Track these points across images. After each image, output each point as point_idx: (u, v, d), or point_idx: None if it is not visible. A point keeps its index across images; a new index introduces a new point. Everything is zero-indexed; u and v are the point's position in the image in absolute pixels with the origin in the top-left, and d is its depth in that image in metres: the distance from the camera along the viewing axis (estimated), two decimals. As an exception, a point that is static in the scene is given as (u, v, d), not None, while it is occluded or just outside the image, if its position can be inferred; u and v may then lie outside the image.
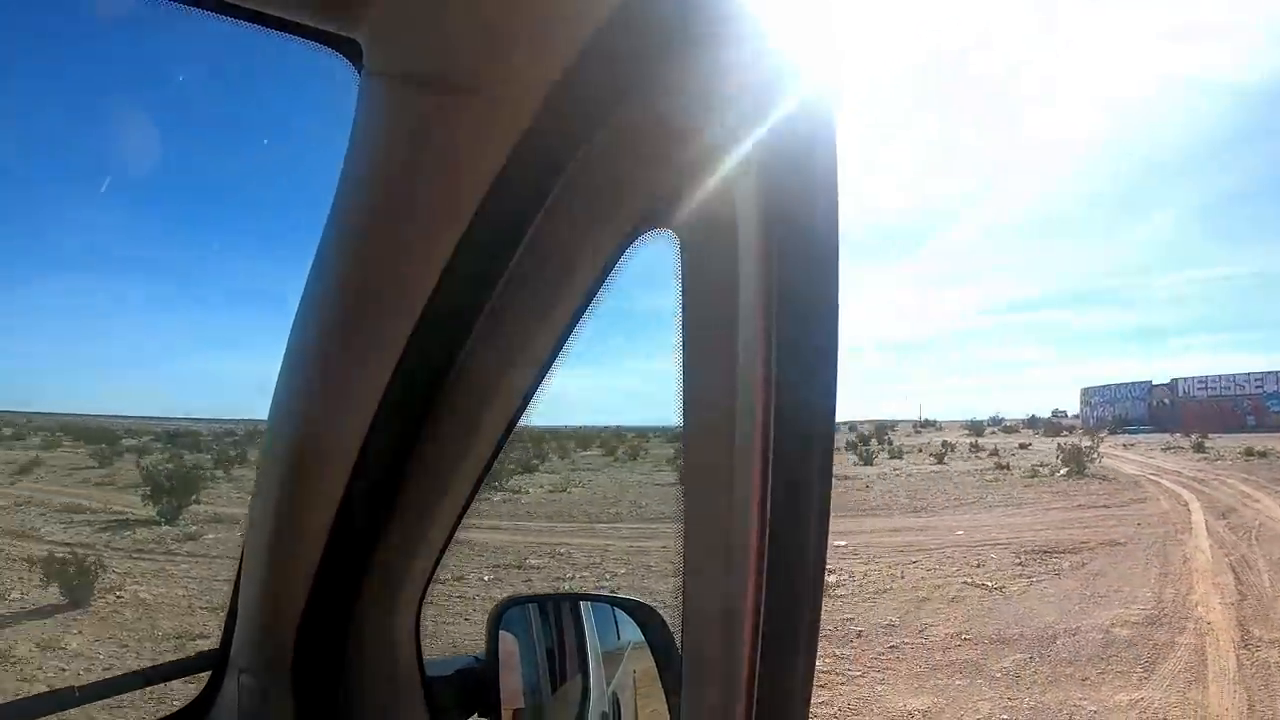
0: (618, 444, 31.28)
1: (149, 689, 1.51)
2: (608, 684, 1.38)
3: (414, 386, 0.86)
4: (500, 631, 1.28)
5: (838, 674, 7.20)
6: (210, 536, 11.80)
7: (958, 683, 6.98)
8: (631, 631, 1.33)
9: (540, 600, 1.44)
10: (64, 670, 6.72)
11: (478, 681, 1.24)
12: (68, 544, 10.58)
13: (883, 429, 48.36)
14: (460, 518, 1.03)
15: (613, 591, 7.93)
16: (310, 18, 0.68)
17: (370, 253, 0.79)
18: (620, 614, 1.39)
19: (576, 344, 0.82)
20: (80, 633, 7.64)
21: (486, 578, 10.06)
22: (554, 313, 0.80)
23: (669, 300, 0.68)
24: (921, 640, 8.12)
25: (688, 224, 0.67)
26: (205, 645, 4.48)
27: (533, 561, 11.21)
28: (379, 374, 0.82)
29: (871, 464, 26.87)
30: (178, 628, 7.83)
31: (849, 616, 8.85)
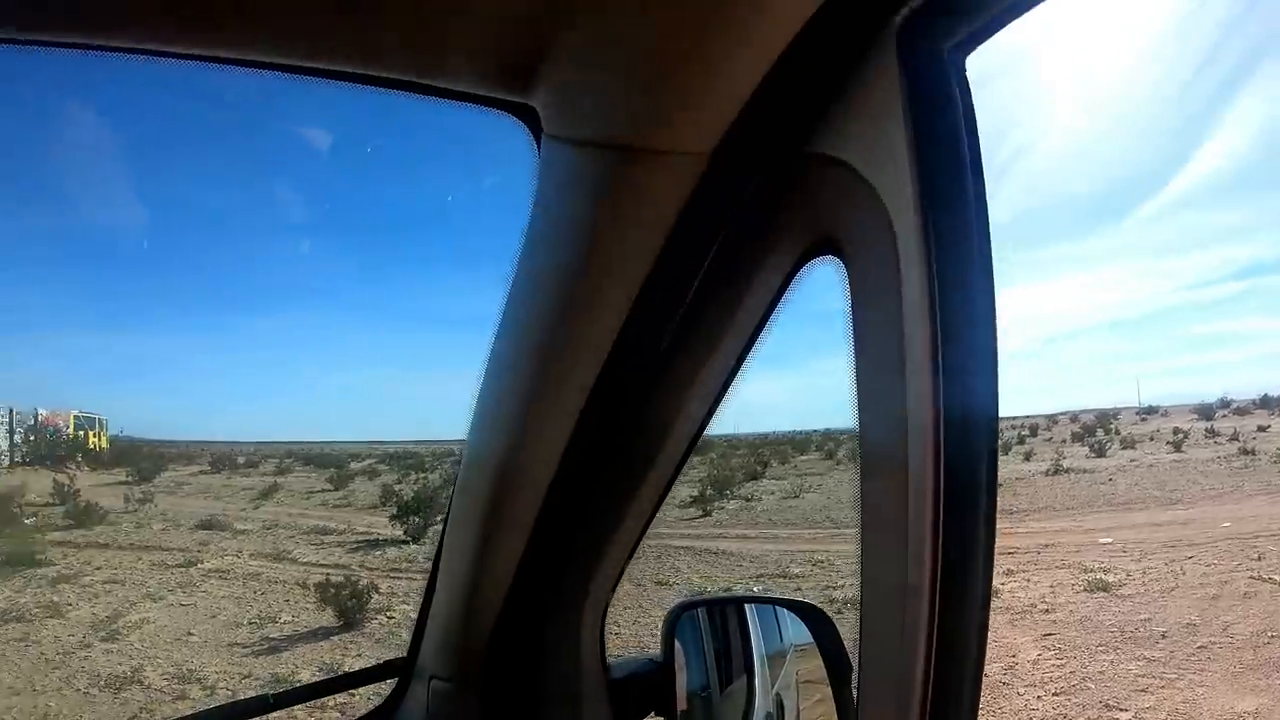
0: (835, 447, 35.79)
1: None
2: (771, 685, 1.70)
3: (604, 407, 1.15)
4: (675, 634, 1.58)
5: (1154, 677, 8.23)
6: None
7: (1278, 682, 7.94)
8: (794, 633, 1.66)
9: (714, 603, 1.94)
10: (352, 696, 7.64)
11: (655, 683, 1.55)
12: (322, 565, 12.43)
13: (1105, 417, 53.93)
14: (647, 525, 1.37)
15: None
16: (489, 89, 0.92)
17: (560, 296, 1.06)
18: (783, 616, 1.71)
19: (763, 349, 1.12)
20: (360, 654, 8.69)
21: (756, 590, 11.27)
22: (730, 338, 1.09)
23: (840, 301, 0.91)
24: (1228, 639, 9.16)
25: (852, 245, 0.89)
26: None
27: (795, 570, 12.94)
28: (571, 398, 1.13)
29: (1104, 455, 30.48)
30: None
31: (1145, 617, 10.09)
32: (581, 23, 0.80)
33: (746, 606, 1.78)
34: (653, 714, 1.54)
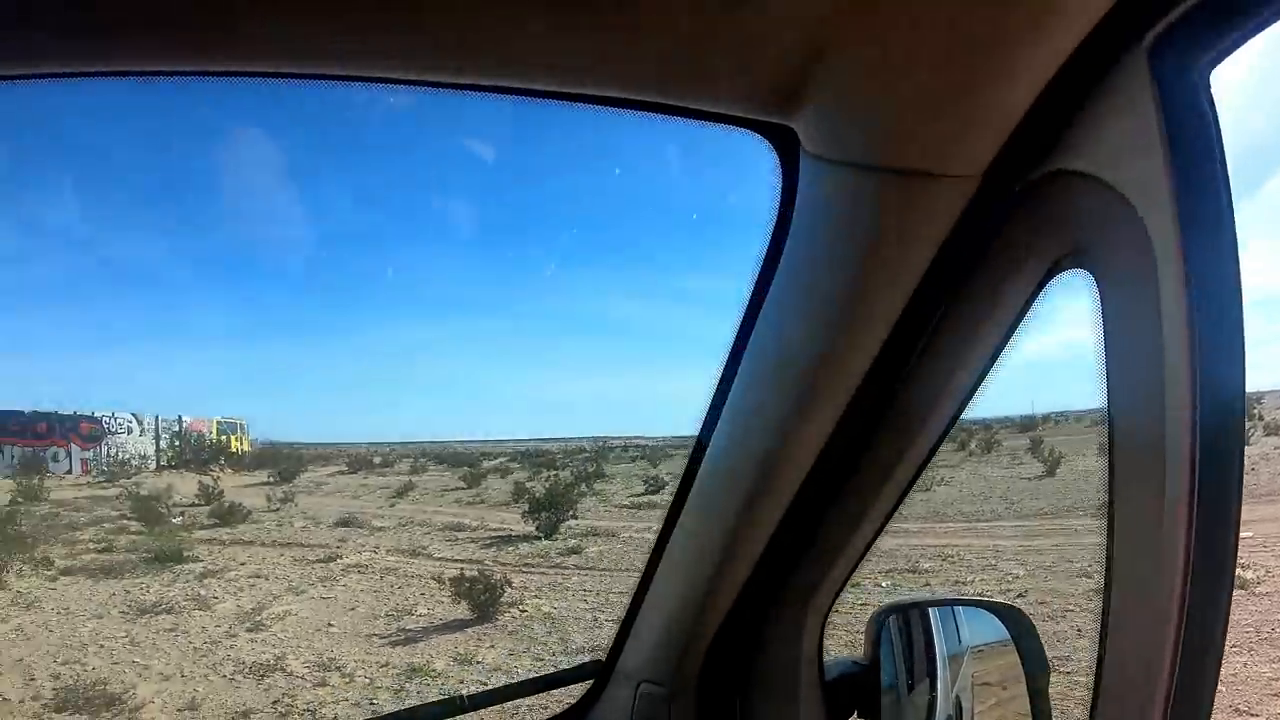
0: (968, 438, 36.81)
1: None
2: (951, 687, 1.77)
3: (855, 416, 1.23)
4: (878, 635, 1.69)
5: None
6: (592, 550, 14.40)
7: None
8: (971, 635, 1.78)
9: (918, 606, 1.91)
10: (484, 683, 8.19)
11: (861, 684, 1.67)
12: (456, 560, 13.22)
13: (1248, 402, 47.22)
14: (878, 532, 1.43)
15: (1021, 594, 10.89)
16: (748, 111, 0.97)
17: (820, 311, 1.15)
18: (962, 618, 1.82)
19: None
20: (493, 645, 9.36)
21: (884, 584, 11.64)
22: (978, 352, 1.18)
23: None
24: None
25: (1104, 258, 0.96)
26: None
27: (925, 565, 13.15)
28: (826, 407, 1.22)
29: (1246, 443, 25.28)
30: (589, 641, 9.28)
31: (1286, 617, 10.37)
32: (853, 49, 0.86)
33: (931, 610, 1.89)
34: (856, 715, 1.67)
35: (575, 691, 1.94)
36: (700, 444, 1.43)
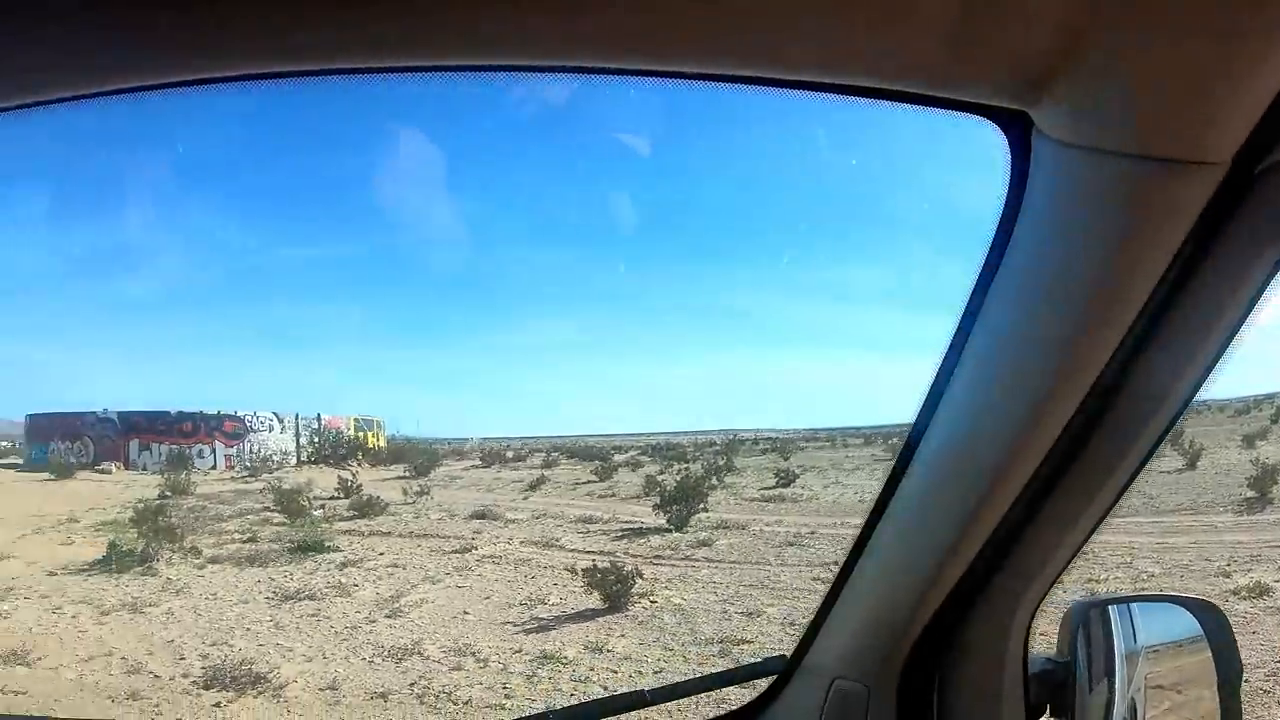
0: None
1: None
2: (1127, 687, 1.80)
3: (1086, 408, 1.23)
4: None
5: None
6: (722, 543, 14.54)
7: None
8: (1146, 635, 1.81)
9: (1113, 602, 1.89)
10: (615, 672, 8.32)
11: (1058, 681, 1.70)
12: (588, 552, 13.45)
13: None
14: (1096, 527, 1.44)
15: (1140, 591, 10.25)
16: (984, 97, 0.98)
17: (1059, 302, 1.14)
18: (1136, 616, 1.83)
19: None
20: (624, 634, 9.51)
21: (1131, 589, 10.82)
22: (1210, 343, 1.16)
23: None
24: None
25: None
26: (748, 649, 8.87)
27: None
28: (1061, 401, 1.22)
29: None
30: (718, 632, 9.34)
31: None
32: (1111, 34, 0.85)
33: (1111, 608, 1.88)
34: (1048, 713, 1.69)
35: (741, 692, 2.00)
36: (912, 440, 1.44)
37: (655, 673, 8.23)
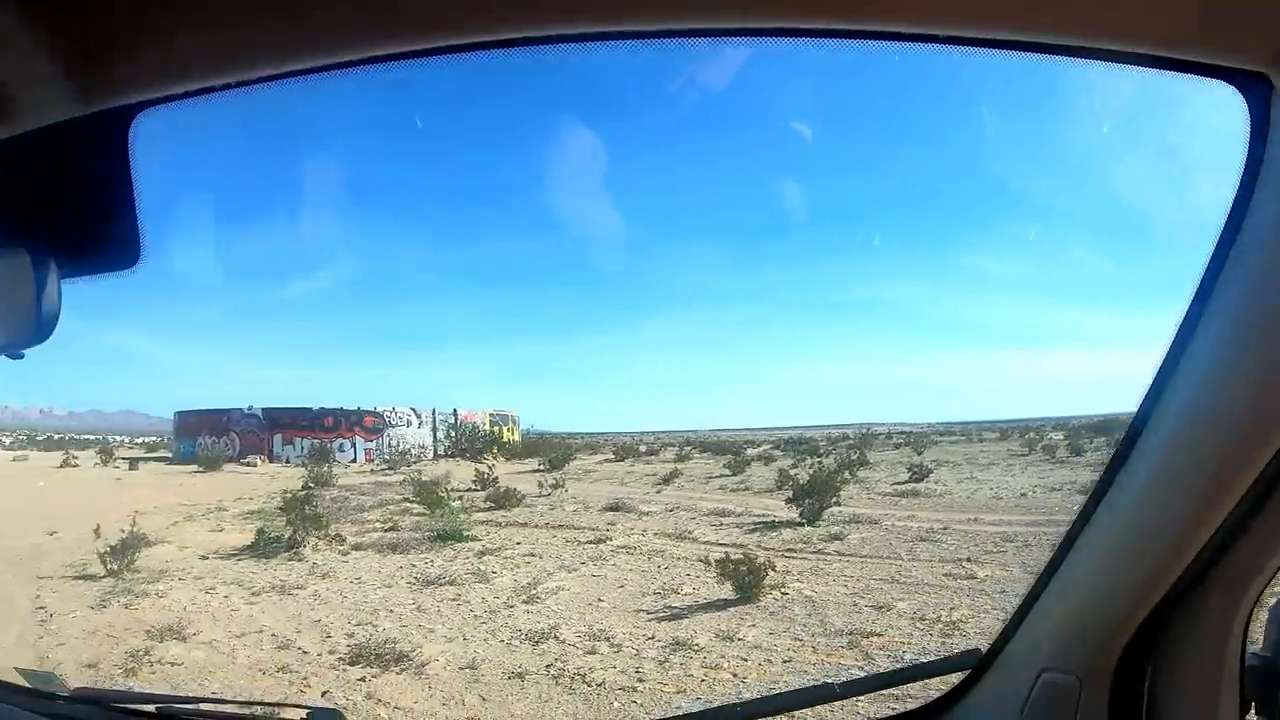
0: None
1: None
2: None
3: None
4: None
5: None
6: (854, 537, 14.62)
7: None
8: None
9: None
10: (744, 660, 8.41)
11: (1268, 678, 1.63)
12: (721, 544, 13.58)
13: None
14: None
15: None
16: (1227, 59, 0.95)
17: None
18: None
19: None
20: (755, 624, 9.57)
21: None
22: None
23: None
24: None
25: None
26: (876, 642, 8.77)
27: None
28: None
29: None
30: (847, 625, 9.41)
31: None
32: None
33: None
34: (1253, 711, 1.65)
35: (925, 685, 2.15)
36: (1133, 432, 1.44)
37: (784, 662, 8.30)
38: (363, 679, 8.32)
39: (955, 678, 2.00)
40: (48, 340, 1.24)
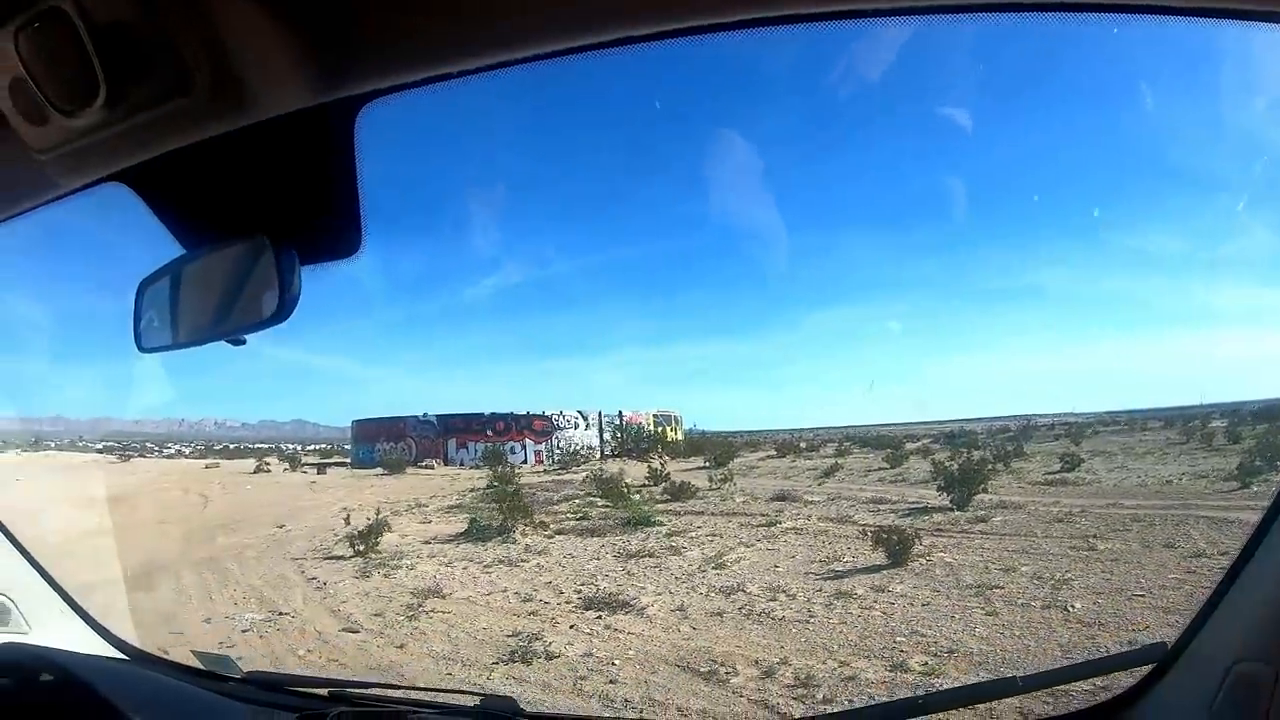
0: None
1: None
2: None
3: None
4: None
5: None
6: (997, 519, 16.70)
7: None
8: None
9: None
10: (892, 604, 11.08)
11: None
12: (877, 526, 15.97)
13: None
14: None
15: None
16: None
17: None
18: None
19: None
20: (902, 581, 12.21)
21: None
22: None
23: None
24: None
25: None
26: (999, 594, 11.72)
27: None
28: None
29: None
30: (976, 581, 11.91)
31: None
32: None
33: None
34: None
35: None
36: None
37: (923, 605, 10.89)
38: (599, 617, 11.53)
39: (1141, 671, 2.01)
40: (286, 320, 1.46)
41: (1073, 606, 10.20)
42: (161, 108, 1.22)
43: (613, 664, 9.67)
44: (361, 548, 17.29)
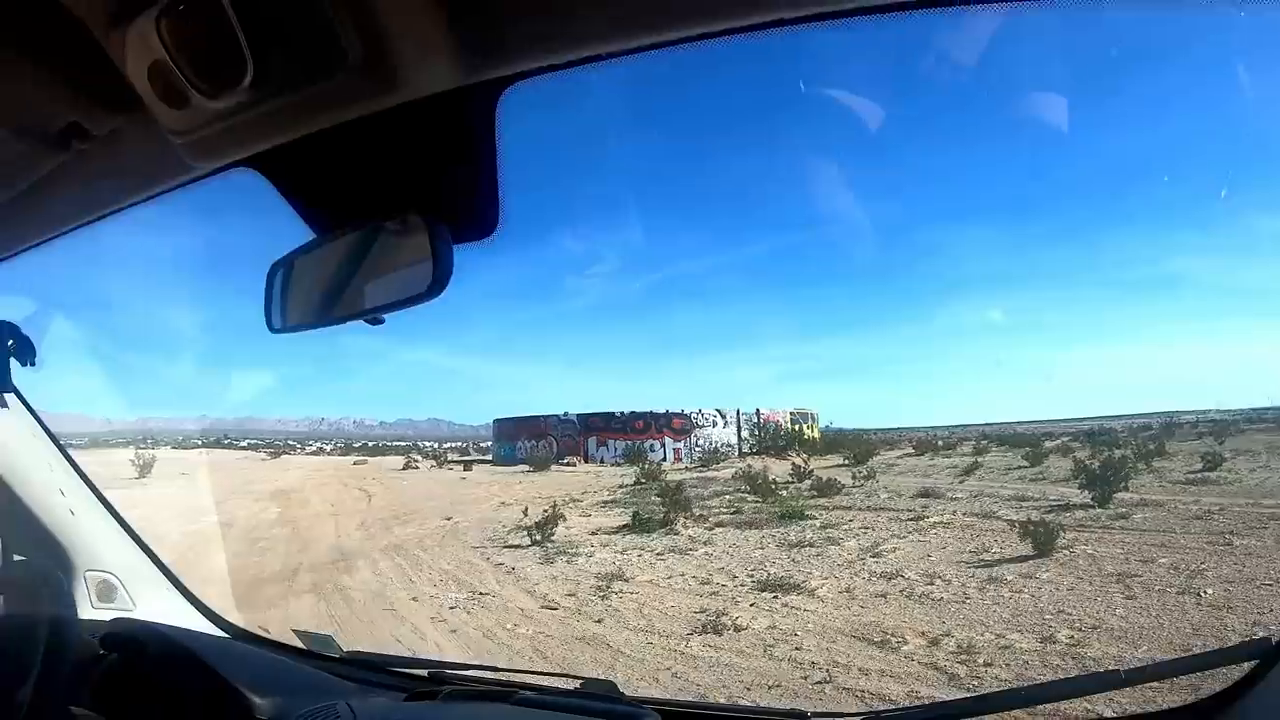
0: None
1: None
2: None
3: None
4: None
5: None
6: (1137, 516, 17.68)
7: None
8: None
9: None
10: (1040, 588, 12.36)
11: None
12: (1021, 521, 16.92)
13: None
14: None
15: None
16: None
17: None
18: None
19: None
20: (1047, 570, 13.54)
21: None
22: None
23: None
24: None
25: None
26: (1137, 581, 13.23)
27: None
28: None
29: None
30: (1117, 569, 13.03)
31: None
32: None
33: None
34: None
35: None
36: None
37: (1067, 589, 12.19)
38: (774, 597, 13.18)
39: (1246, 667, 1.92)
40: (438, 296, 1.47)
41: (1205, 593, 11.27)
42: (309, 88, 1.28)
43: (795, 635, 11.21)
44: (538, 537, 19.25)
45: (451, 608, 14.11)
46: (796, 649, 10.75)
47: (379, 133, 1.42)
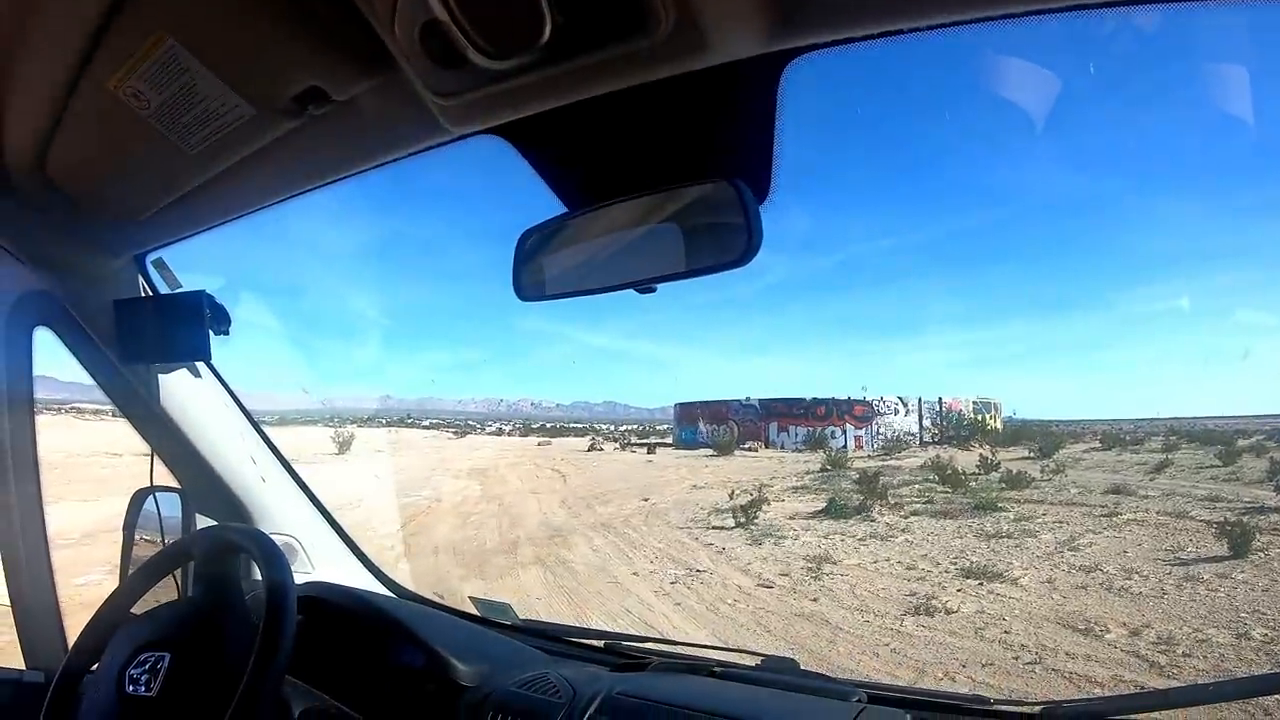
0: None
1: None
2: None
3: None
4: None
5: None
6: None
7: None
8: None
9: None
10: (1235, 589, 13.10)
11: None
12: (1215, 522, 17.58)
13: None
14: None
15: None
16: None
17: None
18: None
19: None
20: (1243, 571, 14.18)
21: None
22: None
23: None
24: None
25: None
26: None
27: None
28: None
29: None
30: None
31: None
32: None
33: None
34: None
35: None
36: None
37: (1263, 590, 12.74)
38: (979, 584, 14.32)
39: None
40: (750, 261, 1.45)
41: None
42: (606, 50, 1.20)
43: (1003, 619, 12.31)
44: (743, 519, 20.55)
45: (673, 583, 15.41)
46: (1005, 632, 11.81)
47: (668, 97, 1.38)
